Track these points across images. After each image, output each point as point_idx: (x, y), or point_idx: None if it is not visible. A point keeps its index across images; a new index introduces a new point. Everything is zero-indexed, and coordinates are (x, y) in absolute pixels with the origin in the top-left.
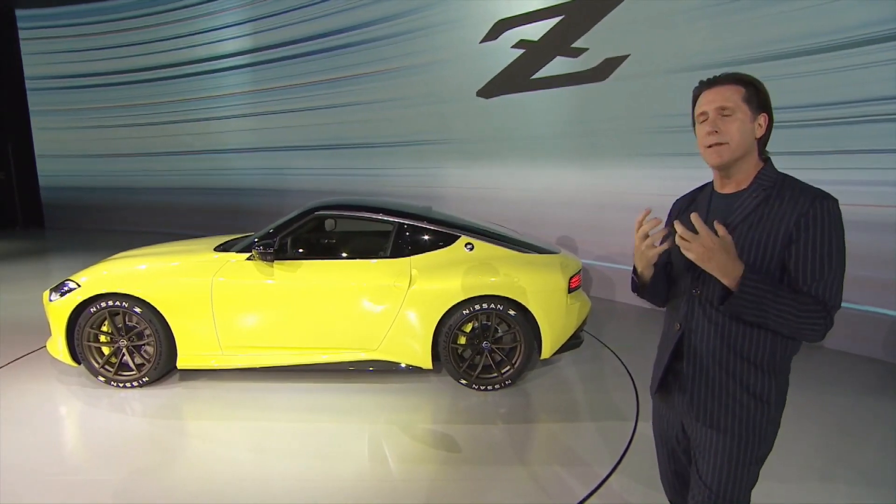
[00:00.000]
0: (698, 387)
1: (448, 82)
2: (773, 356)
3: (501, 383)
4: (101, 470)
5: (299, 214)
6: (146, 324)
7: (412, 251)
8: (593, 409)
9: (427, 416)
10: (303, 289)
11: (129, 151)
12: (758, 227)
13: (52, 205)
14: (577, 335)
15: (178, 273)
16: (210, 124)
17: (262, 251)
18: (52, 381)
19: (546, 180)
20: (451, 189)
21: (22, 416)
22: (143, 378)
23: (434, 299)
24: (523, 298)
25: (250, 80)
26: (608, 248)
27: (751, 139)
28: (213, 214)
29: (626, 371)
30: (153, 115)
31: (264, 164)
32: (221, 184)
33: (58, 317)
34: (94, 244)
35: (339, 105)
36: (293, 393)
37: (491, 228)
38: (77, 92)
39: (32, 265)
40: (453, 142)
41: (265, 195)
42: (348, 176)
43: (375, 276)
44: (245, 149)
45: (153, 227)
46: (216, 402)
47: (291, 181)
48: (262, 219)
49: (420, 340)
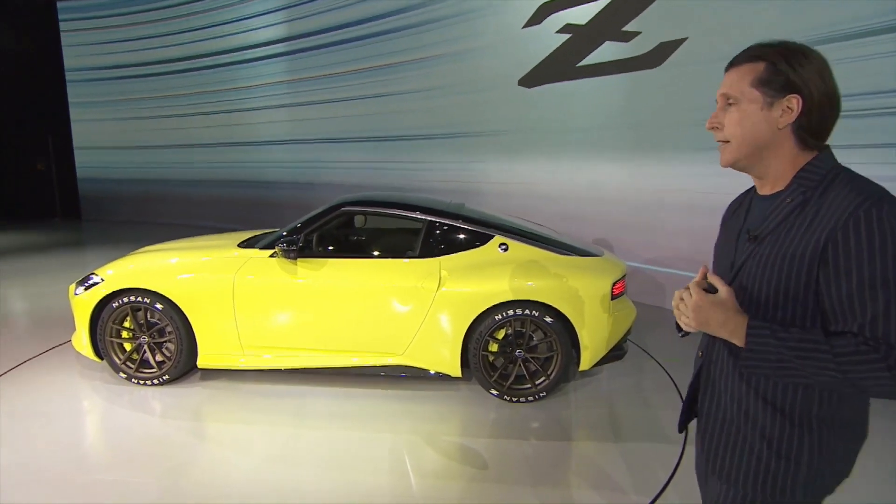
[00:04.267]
0: (712, 428)
1: (488, 70)
2: (807, 405)
3: (535, 395)
4: (118, 470)
5: (326, 210)
6: (167, 320)
7: (442, 251)
8: (636, 428)
9: (453, 428)
10: (327, 288)
11: (164, 143)
12: (784, 242)
13: (89, 196)
14: (620, 346)
15: (200, 269)
16: (243, 115)
17: (285, 248)
18: (76, 375)
19: (590, 176)
20: (488, 184)
21: (44, 410)
22: (163, 376)
23: (464, 303)
24: (561, 304)
25: (284, 69)
26: (658, 250)
27: (764, 130)
28: (245, 208)
29: (673, 386)
30: (187, 106)
31: (297, 156)
32: (254, 176)
33: (82, 310)
34: (129, 236)
35: (374, 95)
36: (314, 397)
37: (527, 228)
38: (113, 83)
39: (68, 257)
40: (491, 134)
41: (297, 188)
42: (381, 169)
43: (403, 276)
44: (278, 141)
45: (186, 220)
46: (235, 405)
47: (324, 174)
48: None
49: (449, 346)
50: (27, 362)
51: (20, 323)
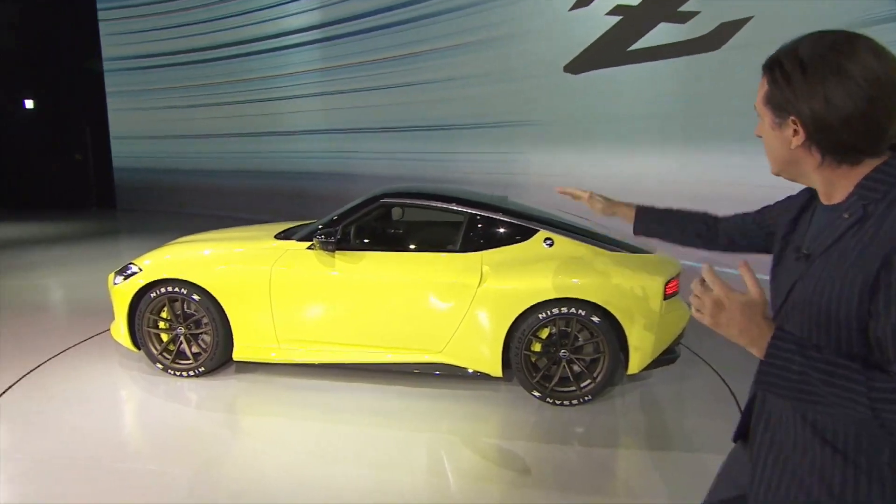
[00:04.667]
0: (764, 454)
1: (531, 56)
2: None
3: (580, 399)
4: (153, 460)
5: (364, 202)
6: (204, 312)
7: (484, 245)
8: (687, 437)
9: (493, 429)
10: (365, 282)
11: (198, 133)
12: (837, 263)
13: (125, 186)
14: (672, 349)
15: (236, 260)
16: (277, 104)
17: (323, 240)
18: (115, 365)
19: (641, 167)
20: (529, 176)
21: (82, 399)
22: (199, 368)
23: (506, 300)
24: (610, 303)
25: (319, 57)
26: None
27: (782, 150)
28: (278, 199)
29: (730, 394)
30: (220, 96)
31: (331, 146)
32: (288, 167)
33: (121, 300)
34: (163, 226)
35: (412, 83)
36: (350, 392)
37: (574, 222)
38: (149, 72)
39: (104, 246)
40: (534, 124)
41: (332, 180)
42: (418, 160)
43: (443, 271)
44: (312, 130)
45: (219, 211)
46: (270, 398)
47: (360, 165)
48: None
49: (489, 345)
50: (68, 350)
51: (61, 312)
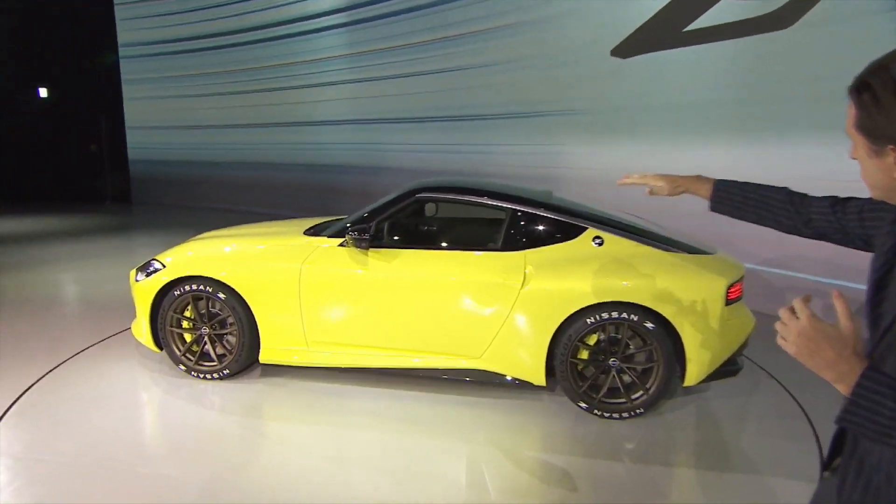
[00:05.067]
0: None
1: (575, 40)
2: None
3: (630, 411)
4: (175, 464)
5: (399, 196)
6: (229, 311)
7: (528, 244)
8: (749, 458)
9: (536, 442)
10: (400, 281)
11: (217, 123)
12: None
13: (140, 179)
14: (733, 360)
15: (264, 257)
16: (301, 93)
17: (356, 237)
18: (135, 365)
19: (697, 160)
20: (573, 170)
21: (103, 400)
22: (223, 370)
23: (552, 303)
24: (665, 308)
25: (346, 42)
26: (781, 248)
27: (882, 179)
28: (302, 193)
29: (801, 413)
30: (241, 84)
31: (359, 137)
32: (312, 160)
33: (143, 298)
34: (180, 221)
35: (445, 70)
36: (383, 399)
37: (626, 219)
38: (166, 59)
39: (120, 241)
40: (578, 112)
41: (358, 173)
42: (452, 152)
43: (483, 271)
44: (338, 121)
45: (239, 205)
46: (298, 403)
47: (389, 158)
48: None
49: (532, 351)
50: (87, 350)
51: (78, 309)
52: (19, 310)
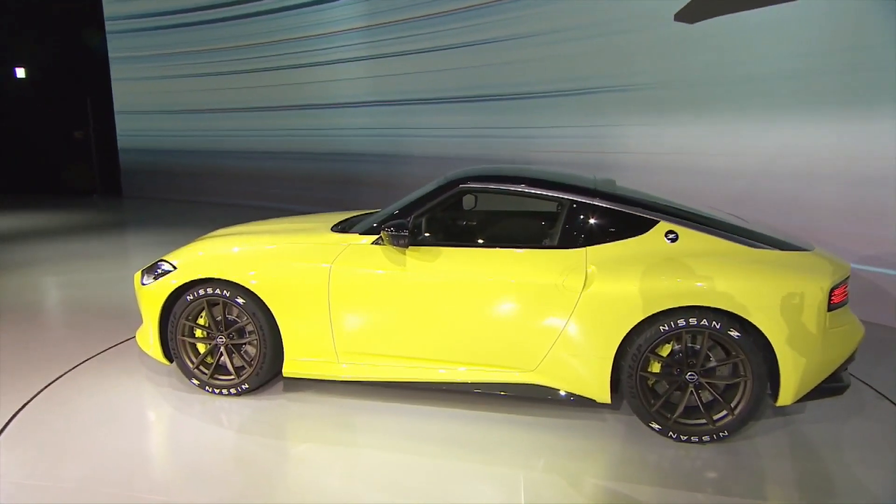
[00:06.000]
0: None
1: (631, 4)
2: None
3: (712, 435)
4: (188, 491)
5: (440, 187)
6: (248, 318)
7: (589, 240)
8: (856, 494)
9: (601, 469)
10: (443, 283)
11: (218, 106)
12: None
13: (131, 170)
14: (837, 375)
15: (288, 257)
16: (312, 71)
17: (393, 233)
18: (142, 379)
19: (784, 142)
20: (632, 155)
21: (107, 419)
22: (241, 385)
23: (618, 308)
24: (754, 314)
25: (362, 12)
26: (888, 245)
27: None
28: (315, 185)
29: None
30: (245, 61)
31: (379, 121)
32: (327, 147)
33: (150, 303)
34: (179, 218)
35: (479, 42)
36: (424, 418)
37: (703, 211)
38: (159, 34)
39: (112, 239)
40: (636, 88)
41: (380, 162)
42: (488, 137)
43: (538, 271)
44: (355, 102)
45: (244, 200)
46: (326, 422)
47: (413, 144)
48: (374, 192)
49: (595, 363)
50: (87, 362)
51: (73, 316)
52: (5, 318)
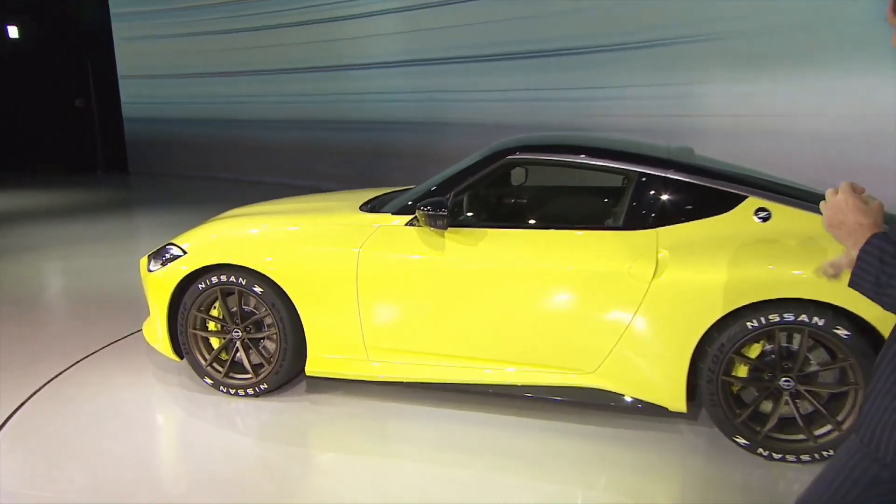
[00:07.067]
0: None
1: None
2: None
3: (813, 453)
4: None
5: (485, 159)
6: (267, 309)
7: (661, 219)
8: None
9: (675, 489)
10: (488, 270)
11: (234, 69)
12: None
13: (137, 142)
14: None
15: (312, 240)
16: (338, 27)
17: (430, 213)
18: (149, 377)
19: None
20: (712, 118)
21: (111, 422)
22: (260, 385)
23: (697, 299)
24: (867, 309)
25: None
26: None
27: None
28: (342, 159)
29: None
30: (265, 16)
31: (415, 84)
32: (354, 114)
33: (159, 292)
34: (191, 196)
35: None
36: (465, 424)
37: (801, 185)
38: None
39: (118, 221)
40: (717, 38)
41: (416, 131)
42: (540, 101)
43: (600, 256)
44: (388, 62)
45: (262, 175)
46: (354, 428)
47: (455, 110)
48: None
49: (667, 365)
50: (89, 357)
51: (76, 307)
52: (1, 309)
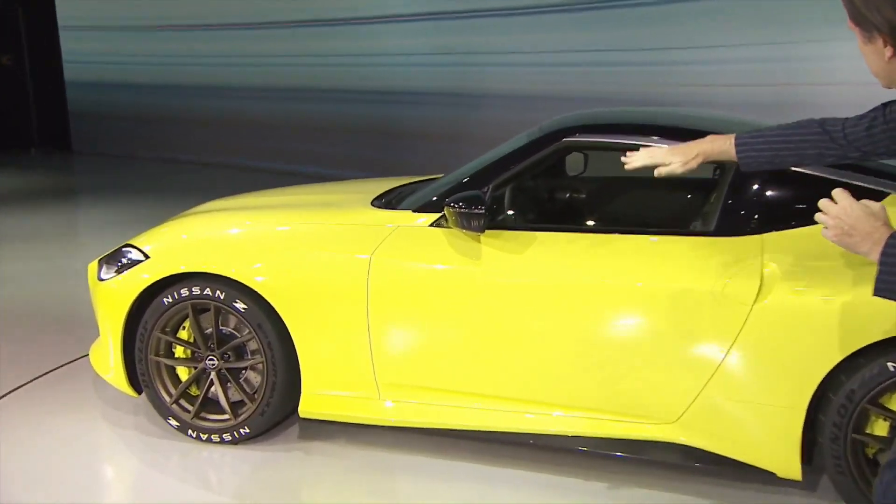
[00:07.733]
0: None
1: None
2: None
3: None
4: None
5: (531, 143)
6: (252, 331)
7: (766, 223)
8: None
9: None
10: (533, 286)
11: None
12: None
13: (82, 113)
14: None
15: (311, 244)
16: None
17: (462, 210)
18: (97, 417)
19: None
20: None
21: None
22: (240, 429)
23: (815, 331)
24: None
25: None
26: None
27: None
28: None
29: None
30: None
31: (441, 44)
32: (364, 81)
33: (112, 308)
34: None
35: None
36: (493, 486)
37: None
38: None
39: (60, 214)
40: None
41: (443, 104)
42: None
43: (683, 269)
44: (405, 16)
45: (243, 158)
46: (358, 487)
47: (492, 77)
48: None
49: (774, 416)
50: (14, 393)
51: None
52: None
